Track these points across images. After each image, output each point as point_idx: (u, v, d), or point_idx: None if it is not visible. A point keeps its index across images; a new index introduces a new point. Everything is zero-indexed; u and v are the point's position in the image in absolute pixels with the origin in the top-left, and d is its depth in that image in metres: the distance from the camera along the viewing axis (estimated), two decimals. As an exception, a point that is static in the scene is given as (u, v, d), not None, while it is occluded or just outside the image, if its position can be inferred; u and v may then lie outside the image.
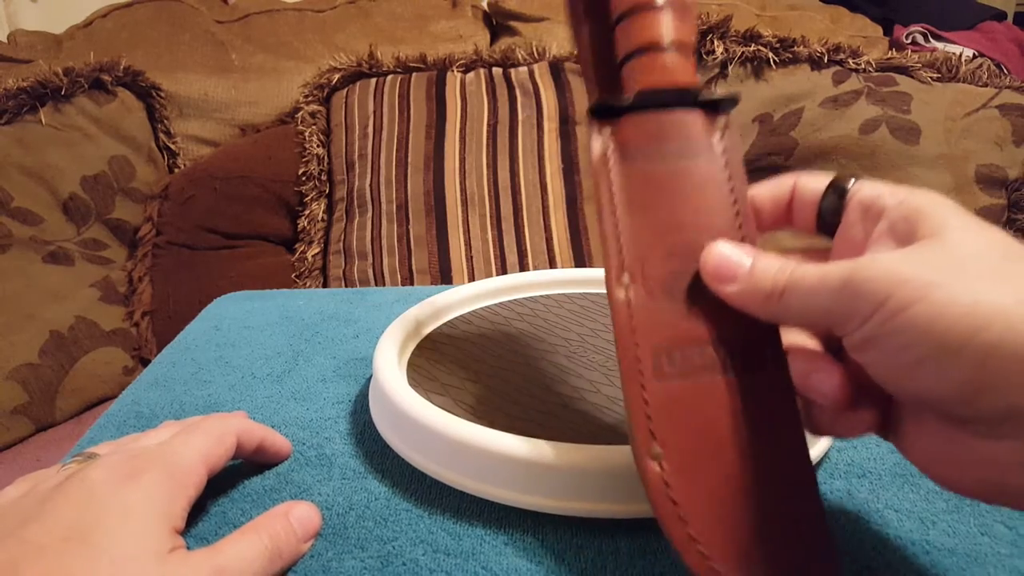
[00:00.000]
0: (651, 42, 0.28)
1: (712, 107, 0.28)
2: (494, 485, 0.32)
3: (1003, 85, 1.11)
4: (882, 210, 0.24)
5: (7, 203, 0.98)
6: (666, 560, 0.30)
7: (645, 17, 0.28)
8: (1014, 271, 0.20)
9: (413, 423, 0.34)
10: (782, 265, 0.24)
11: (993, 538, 0.31)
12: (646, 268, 0.26)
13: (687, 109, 0.28)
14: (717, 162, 0.28)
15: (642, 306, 0.26)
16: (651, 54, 0.28)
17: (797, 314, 0.24)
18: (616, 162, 0.28)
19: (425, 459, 0.34)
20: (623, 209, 0.27)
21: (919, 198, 0.23)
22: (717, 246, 0.26)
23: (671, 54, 0.28)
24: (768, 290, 0.24)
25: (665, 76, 0.28)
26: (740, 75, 1.16)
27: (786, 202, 0.28)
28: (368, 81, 1.17)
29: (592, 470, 0.30)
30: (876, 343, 0.21)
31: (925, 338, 0.20)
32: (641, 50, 0.28)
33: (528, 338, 0.45)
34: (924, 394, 0.21)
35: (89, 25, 1.25)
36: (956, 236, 0.22)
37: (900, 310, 0.20)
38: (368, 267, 1.06)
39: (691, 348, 0.25)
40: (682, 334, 0.25)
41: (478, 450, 0.32)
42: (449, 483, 0.33)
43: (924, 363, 0.20)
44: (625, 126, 0.28)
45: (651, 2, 0.28)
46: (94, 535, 0.25)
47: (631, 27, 0.28)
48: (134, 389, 0.47)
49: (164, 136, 1.18)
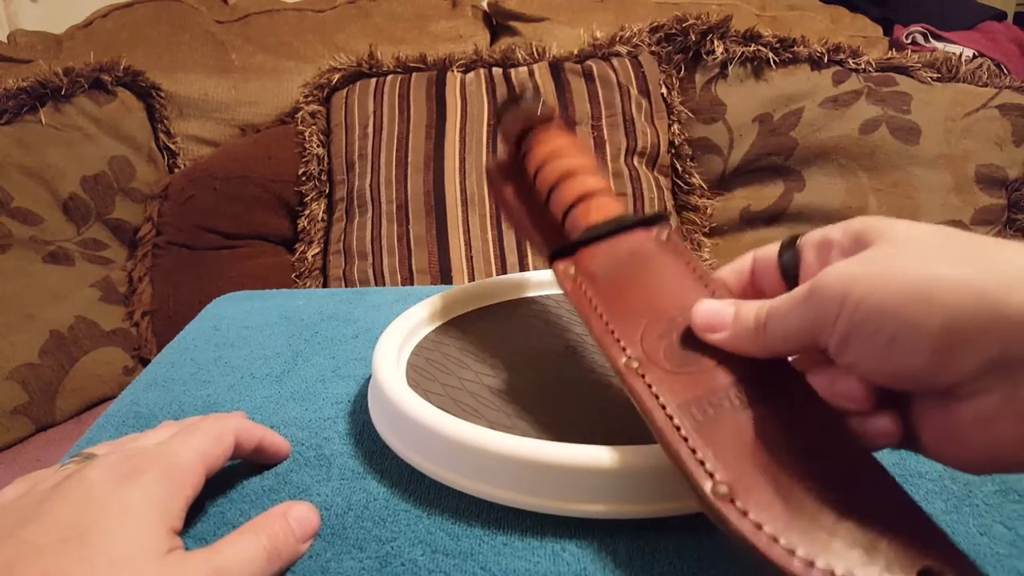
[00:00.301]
0: (581, 195, 0.36)
1: (648, 223, 0.35)
2: (493, 485, 0.32)
3: (1003, 85, 1.11)
4: (831, 242, 0.27)
5: (7, 203, 0.98)
6: (665, 560, 0.30)
7: (570, 183, 0.37)
8: (953, 246, 0.23)
9: (412, 423, 0.34)
10: (760, 303, 0.27)
11: (992, 538, 0.31)
12: (647, 349, 0.30)
13: (628, 232, 0.35)
14: (669, 254, 0.34)
15: (657, 378, 0.28)
16: (584, 203, 0.36)
17: (783, 338, 0.26)
18: (587, 283, 0.33)
19: (424, 459, 0.34)
20: (608, 314, 0.32)
21: (861, 220, 0.26)
22: (702, 305, 0.29)
23: (598, 198, 0.36)
24: (753, 326, 0.27)
25: (600, 214, 0.35)
26: (740, 75, 1.16)
27: (748, 276, 0.31)
28: (368, 81, 1.17)
29: (591, 470, 0.30)
30: (851, 339, 0.24)
31: (888, 320, 0.23)
32: (575, 203, 0.36)
33: (527, 338, 0.45)
34: (906, 372, 0.23)
35: (89, 25, 1.25)
36: (900, 232, 0.25)
37: (859, 302, 0.23)
38: (368, 267, 1.06)
39: (714, 396, 0.27)
40: (701, 388, 0.28)
41: (477, 450, 0.32)
42: (448, 483, 0.33)
43: (896, 342, 0.23)
44: (583, 257, 0.34)
45: (570, 172, 0.37)
46: (92, 535, 0.25)
47: (562, 192, 0.37)
48: (133, 389, 0.47)
49: (164, 136, 1.18)
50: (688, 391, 0.28)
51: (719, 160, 1.18)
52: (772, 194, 1.16)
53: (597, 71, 1.14)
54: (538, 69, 1.15)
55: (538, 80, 1.13)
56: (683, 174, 1.18)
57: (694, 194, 1.18)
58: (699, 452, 0.26)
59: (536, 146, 0.40)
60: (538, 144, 0.40)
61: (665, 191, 1.15)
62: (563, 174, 0.37)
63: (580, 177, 0.37)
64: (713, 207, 1.18)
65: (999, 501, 0.33)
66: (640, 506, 0.31)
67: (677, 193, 1.19)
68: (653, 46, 1.18)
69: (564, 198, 0.37)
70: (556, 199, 0.37)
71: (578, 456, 0.30)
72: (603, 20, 1.27)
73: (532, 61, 1.17)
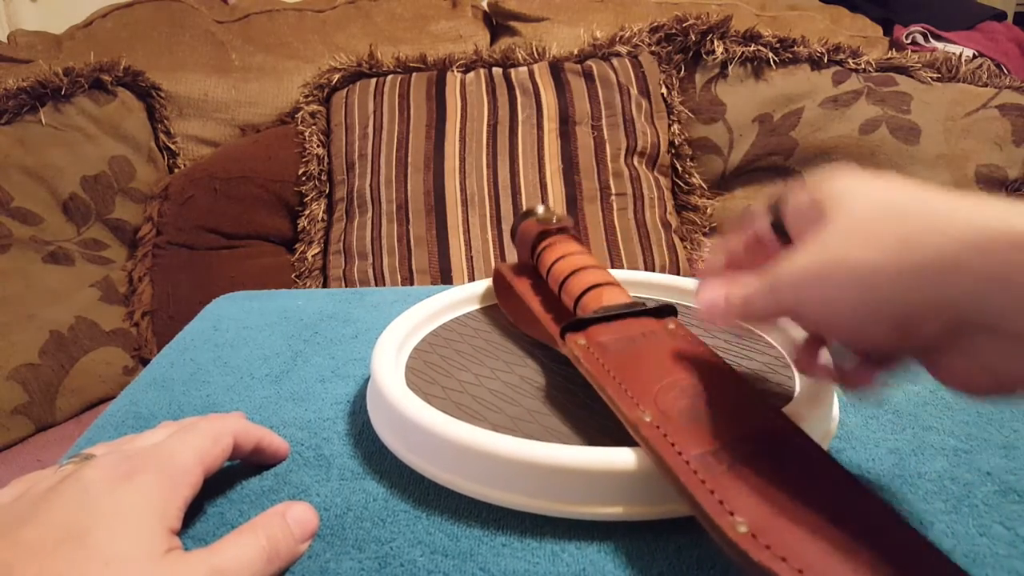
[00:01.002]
0: (593, 284, 0.40)
1: (659, 314, 0.39)
2: (492, 487, 0.32)
3: (1003, 85, 1.11)
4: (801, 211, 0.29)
5: (7, 203, 0.98)
6: (664, 561, 0.30)
7: (582, 275, 0.41)
8: (889, 225, 0.25)
9: (411, 425, 0.34)
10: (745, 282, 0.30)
11: (991, 539, 0.31)
12: (661, 408, 0.31)
13: (638, 318, 0.38)
14: (680, 339, 0.37)
15: (673, 429, 0.30)
16: (596, 290, 0.40)
17: (761, 317, 0.30)
18: (599, 352, 0.36)
19: (423, 460, 0.34)
20: (621, 375, 0.34)
21: (826, 185, 0.28)
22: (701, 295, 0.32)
23: (610, 288, 0.40)
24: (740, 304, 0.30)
25: (611, 300, 0.39)
26: (740, 75, 1.16)
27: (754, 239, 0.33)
28: (368, 81, 1.17)
29: (590, 472, 0.30)
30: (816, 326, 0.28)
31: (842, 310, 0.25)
32: (587, 290, 0.40)
33: (527, 340, 0.45)
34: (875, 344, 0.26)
35: (89, 25, 1.25)
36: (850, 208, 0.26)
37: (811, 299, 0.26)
38: (368, 267, 1.06)
39: (730, 447, 0.29)
40: (718, 440, 0.29)
41: (476, 452, 0.32)
42: (447, 484, 0.33)
43: (854, 325, 0.25)
44: (594, 331, 0.37)
45: (582, 267, 0.41)
46: (90, 536, 0.25)
47: (574, 282, 0.41)
48: (132, 390, 0.47)
49: (164, 136, 1.18)
50: (705, 443, 0.29)
51: (719, 160, 1.18)
52: (772, 194, 1.16)
53: (597, 71, 1.14)
54: (538, 69, 1.15)
55: (538, 81, 1.13)
56: (683, 174, 1.18)
57: (694, 194, 1.18)
58: (718, 494, 0.26)
59: (549, 248, 0.45)
60: (551, 247, 0.44)
61: (665, 191, 1.15)
62: (575, 268, 0.41)
63: (592, 271, 0.41)
64: (713, 207, 1.18)
65: (998, 501, 0.33)
66: (640, 507, 0.31)
67: (677, 193, 1.19)
68: (653, 46, 1.18)
69: (576, 287, 0.40)
70: (568, 288, 0.41)
71: (577, 458, 0.30)
72: (603, 20, 1.27)
73: (532, 61, 1.17)
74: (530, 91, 1.13)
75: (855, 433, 0.39)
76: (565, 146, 1.10)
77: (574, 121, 1.11)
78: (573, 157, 1.09)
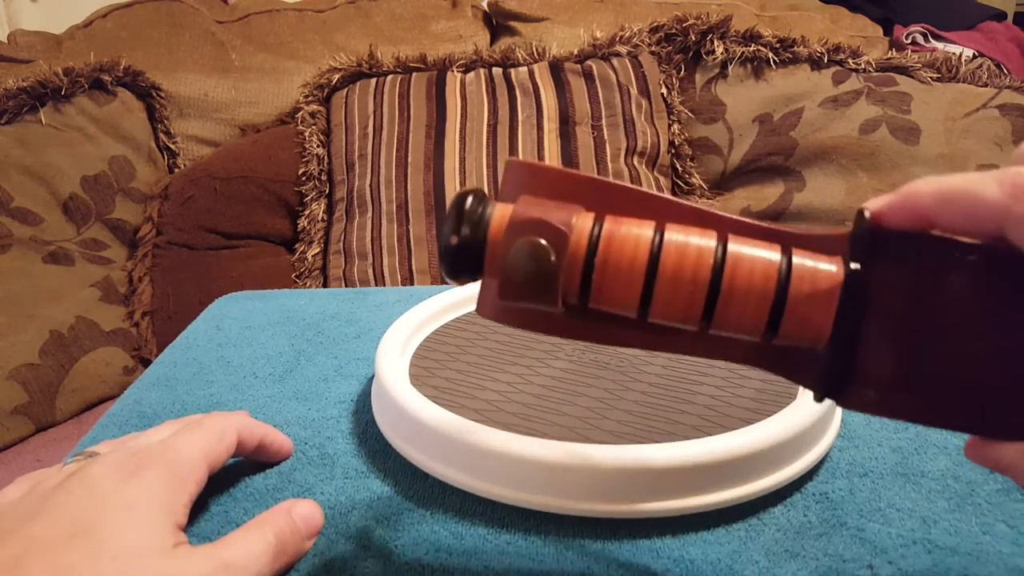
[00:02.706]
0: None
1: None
2: (496, 485, 0.32)
3: (1003, 85, 1.11)
4: None
5: (7, 203, 0.98)
6: (666, 559, 0.30)
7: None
8: None
9: (415, 423, 0.34)
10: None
11: (995, 537, 0.31)
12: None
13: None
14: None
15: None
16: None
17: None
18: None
19: (427, 458, 0.34)
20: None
21: None
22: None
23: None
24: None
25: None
26: (740, 75, 1.16)
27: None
28: (368, 81, 1.17)
29: (594, 470, 0.30)
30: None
31: None
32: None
33: (530, 338, 0.45)
34: None
35: (89, 25, 1.25)
36: None
37: None
38: (368, 267, 1.06)
39: None
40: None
41: (480, 450, 0.32)
42: (451, 483, 0.33)
43: None
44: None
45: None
46: (98, 530, 0.25)
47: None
48: (136, 389, 0.47)
49: (164, 136, 1.18)
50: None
51: (719, 160, 1.18)
52: (772, 194, 1.16)
53: (597, 71, 1.14)
54: (538, 69, 1.15)
55: (538, 81, 1.13)
56: (683, 174, 1.18)
57: (694, 194, 1.18)
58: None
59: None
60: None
61: (665, 191, 1.16)
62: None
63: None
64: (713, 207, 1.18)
65: (1002, 500, 0.33)
66: (644, 505, 0.31)
67: (677, 193, 1.19)
68: (653, 46, 1.18)
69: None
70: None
71: (581, 455, 0.30)
72: (603, 20, 1.28)
73: (532, 61, 1.17)
74: (530, 91, 1.13)
75: (858, 432, 0.39)
76: (565, 146, 1.10)
77: (574, 121, 1.11)
78: (573, 157, 1.10)
